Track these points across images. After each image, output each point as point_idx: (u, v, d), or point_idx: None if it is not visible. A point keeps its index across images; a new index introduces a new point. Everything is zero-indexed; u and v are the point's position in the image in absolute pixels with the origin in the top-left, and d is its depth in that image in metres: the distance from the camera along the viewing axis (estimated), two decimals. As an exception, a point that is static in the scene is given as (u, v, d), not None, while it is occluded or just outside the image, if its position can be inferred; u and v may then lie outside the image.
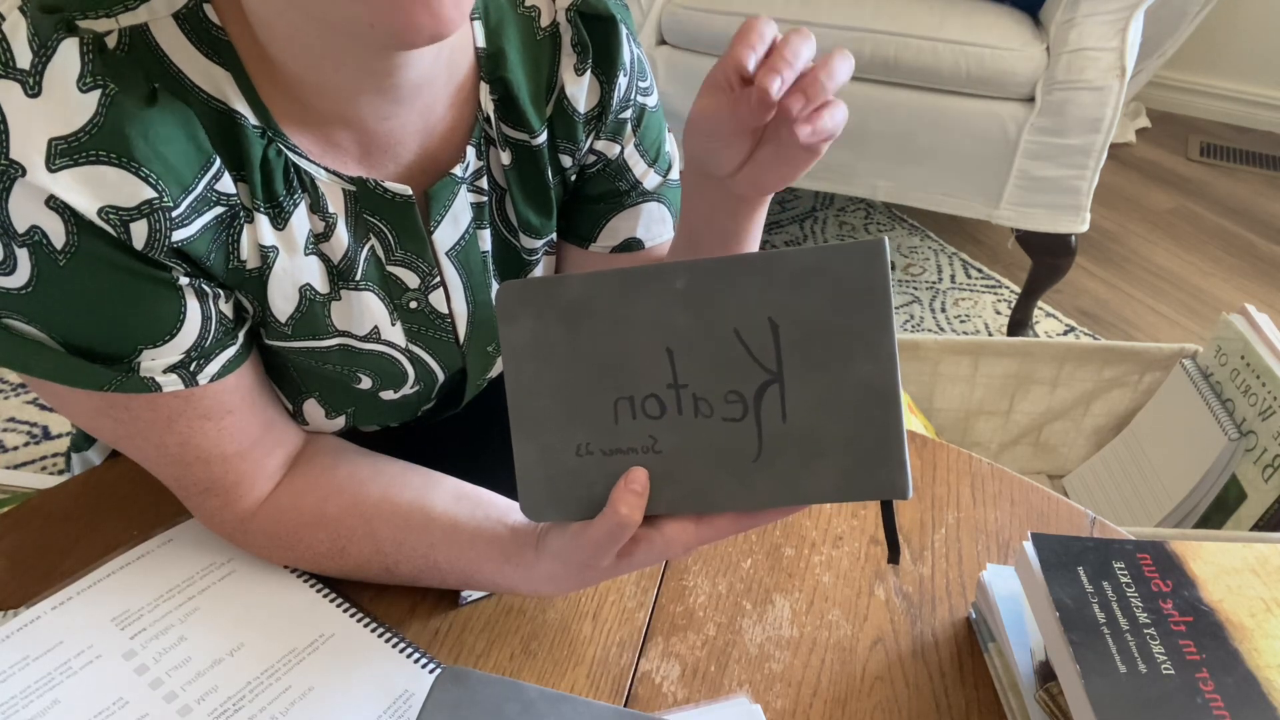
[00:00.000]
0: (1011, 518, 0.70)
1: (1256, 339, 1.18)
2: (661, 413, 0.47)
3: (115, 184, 0.45)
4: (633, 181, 0.66)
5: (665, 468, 0.47)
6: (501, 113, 0.58)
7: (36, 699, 0.53)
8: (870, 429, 0.45)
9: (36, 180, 0.43)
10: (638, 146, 0.65)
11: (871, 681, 0.59)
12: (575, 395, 0.47)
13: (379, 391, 0.63)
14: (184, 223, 0.48)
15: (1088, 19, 1.56)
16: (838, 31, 1.71)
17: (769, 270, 0.45)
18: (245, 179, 0.50)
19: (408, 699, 0.55)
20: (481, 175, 0.59)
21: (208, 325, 0.52)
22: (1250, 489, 1.14)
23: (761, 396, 0.45)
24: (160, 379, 0.51)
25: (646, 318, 0.46)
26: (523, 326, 0.47)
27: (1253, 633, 0.52)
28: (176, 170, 0.47)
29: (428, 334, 0.62)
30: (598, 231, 0.67)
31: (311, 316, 0.56)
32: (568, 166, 0.63)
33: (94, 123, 0.44)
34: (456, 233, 0.60)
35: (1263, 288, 2.17)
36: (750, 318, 0.45)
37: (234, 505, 0.58)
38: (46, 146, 0.43)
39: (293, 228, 0.53)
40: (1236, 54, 2.84)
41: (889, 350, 0.44)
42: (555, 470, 0.48)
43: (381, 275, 0.58)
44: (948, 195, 1.78)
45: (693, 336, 0.46)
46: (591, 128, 0.62)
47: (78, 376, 0.49)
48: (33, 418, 1.65)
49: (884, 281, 0.44)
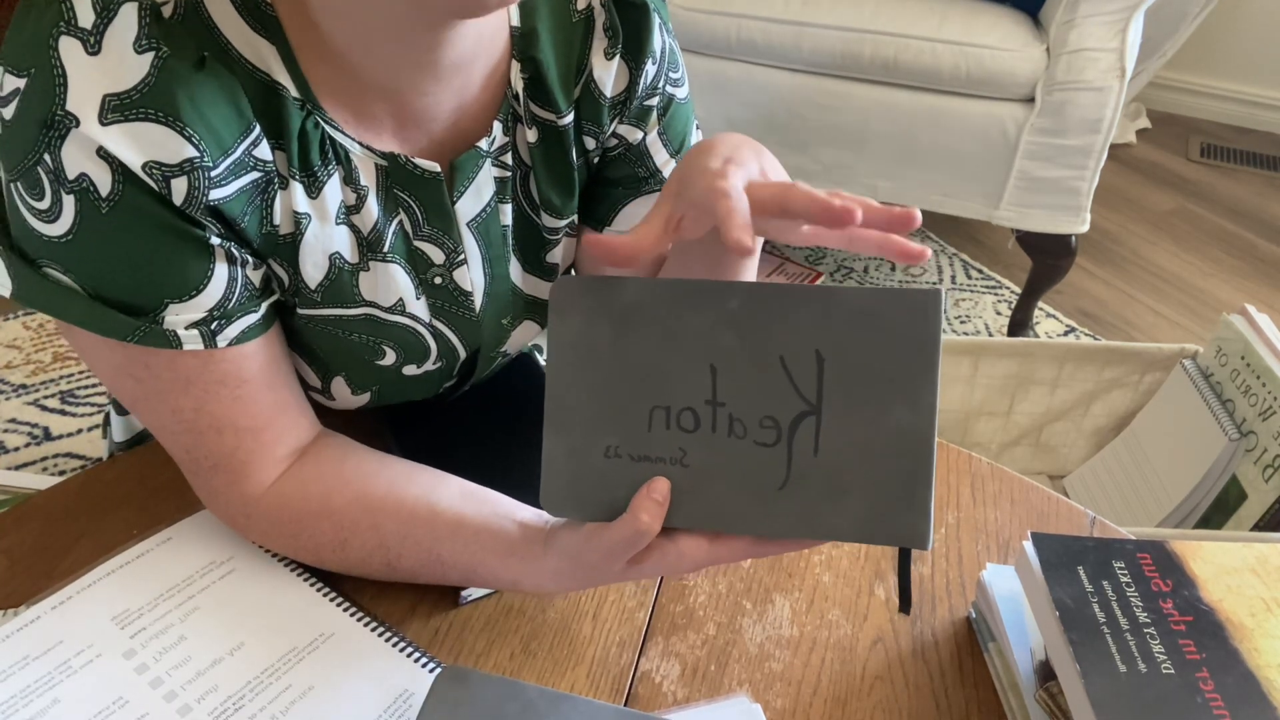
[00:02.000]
0: (1011, 518, 0.70)
1: (1257, 339, 1.18)
2: (695, 427, 0.47)
3: (160, 141, 0.47)
4: (652, 169, 0.66)
5: (690, 482, 0.47)
6: (530, 91, 0.60)
7: (36, 698, 0.53)
8: (899, 475, 0.45)
9: (89, 132, 0.46)
10: (661, 135, 0.66)
11: (871, 681, 0.59)
12: (613, 397, 0.48)
13: (402, 366, 0.65)
14: (222, 183, 0.50)
15: (1088, 20, 1.56)
16: (837, 32, 1.71)
17: (824, 304, 0.45)
18: (283, 148, 0.53)
19: (408, 699, 0.55)
20: (506, 151, 0.61)
21: (232, 287, 0.54)
22: (1250, 489, 1.14)
23: (797, 426, 0.45)
24: (182, 334, 0.53)
25: (695, 332, 0.46)
26: (572, 323, 0.48)
27: (1253, 632, 0.52)
28: (218, 133, 0.49)
29: (450, 310, 0.64)
30: (614, 215, 0.68)
31: (340, 285, 0.58)
32: (591, 149, 0.64)
33: (145, 83, 0.47)
34: (479, 205, 0.61)
35: (1263, 288, 2.17)
36: (797, 347, 0.45)
37: (241, 485, 0.59)
38: (101, 101, 0.46)
39: (325, 197, 0.55)
40: (1237, 55, 2.84)
41: (930, 401, 0.44)
42: (581, 468, 0.49)
43: (408, 249, 0.60)
44: (948, 196, 1.78)
45: (738, 357, 0.46)
46: (616, 112, 0.63)
47: (105, 324, 0.51)
48: (34, 419, 1.65)
49: (935, 332, 0.44)
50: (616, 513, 0.48)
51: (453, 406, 0.75)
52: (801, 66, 1.77)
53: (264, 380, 0.57)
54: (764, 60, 1.79)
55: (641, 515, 0.47)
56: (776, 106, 1.81)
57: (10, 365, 1.77)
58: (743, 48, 1.78)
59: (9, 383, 1.72)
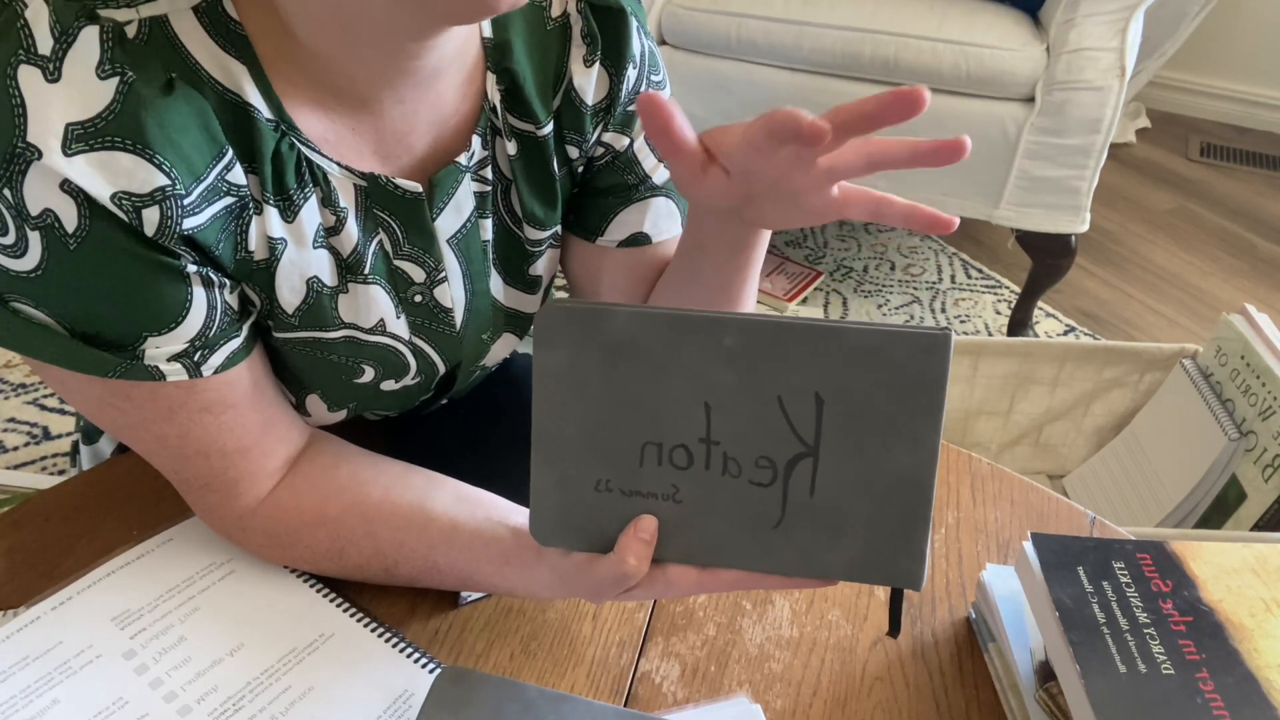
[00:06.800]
0: (1011, 518, 0.70)
1: (1256, 339, 1.18)
2: (689, 464, 0.46)
3: (129, 170, 0.46)
4: (641, 175, 0.66)
5: (683, 517, 0.47)
6: (508, 103, 0.59)
7: (36, 699, 0.53)
8: (895, 518, 0.44)
9: (52, 164, 0.44)
10: (648, 140, 0.65)
11: (871, 681, 0.59)
12: (603, 431, 0.46)
13: (380, 383, 0.64)
14: (195, 211, 0.48)
15: (1087, 19, 1.56)
16: (837, 32, 1.71)
17: (824, 343, 0.43)
18: (256, 171, 0.51)
19: (408, 699, 0.55)
20: (486, 165, 0.60)
21: (213, 315, 0.52)
22: (1250, 489, 1.14)
23: (793, 467, 0.45)
24: (164, 367, 0.51)
25: (689, 368, 0.45)
26: (559, 353, 0.46)
27: (1253, 633, 0.52)
28: (189, 159, 0.47)
29: (431, 327, 0.63)
30: (605, 225, 0.67)
31: (318, 309, 0.57)
32: (574, 158, 0.63)
33: (111, 109, 0.45)
34: (458, 221, 0.60)
35: (1263, 288, 2.17)
36: (796, 388, 0.44)
37: (233, 503, 0.58)
38: (64, 131, 0.44)
39: (302, 221, 0.53)
40: (1237, 54, 2.84)
41: (932, 445, 0.43)
42: (571, 500, 0.48)
43: (389, 269, 0.59)
44: (947, 195, 1.78)
45: (733, 396, 0.45)
46: (599, 119, 0.62)
47: (83, 362, 0.50)
48: (33, 418, 1.65)
49: (942, 375, 0.42)
50: (608, 544, 0.48)
51: (447, 408, 0.75)
52: (802, 66, 1.77)
53: (250, 403, 0.56)
54: (764, 60, 1.79)
55: (629, 558, 0.47)
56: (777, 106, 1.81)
57: (10, 364, 1.77)
58: (743, 47, 1.78)
59: (8, 382, 1.72)
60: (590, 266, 0.70)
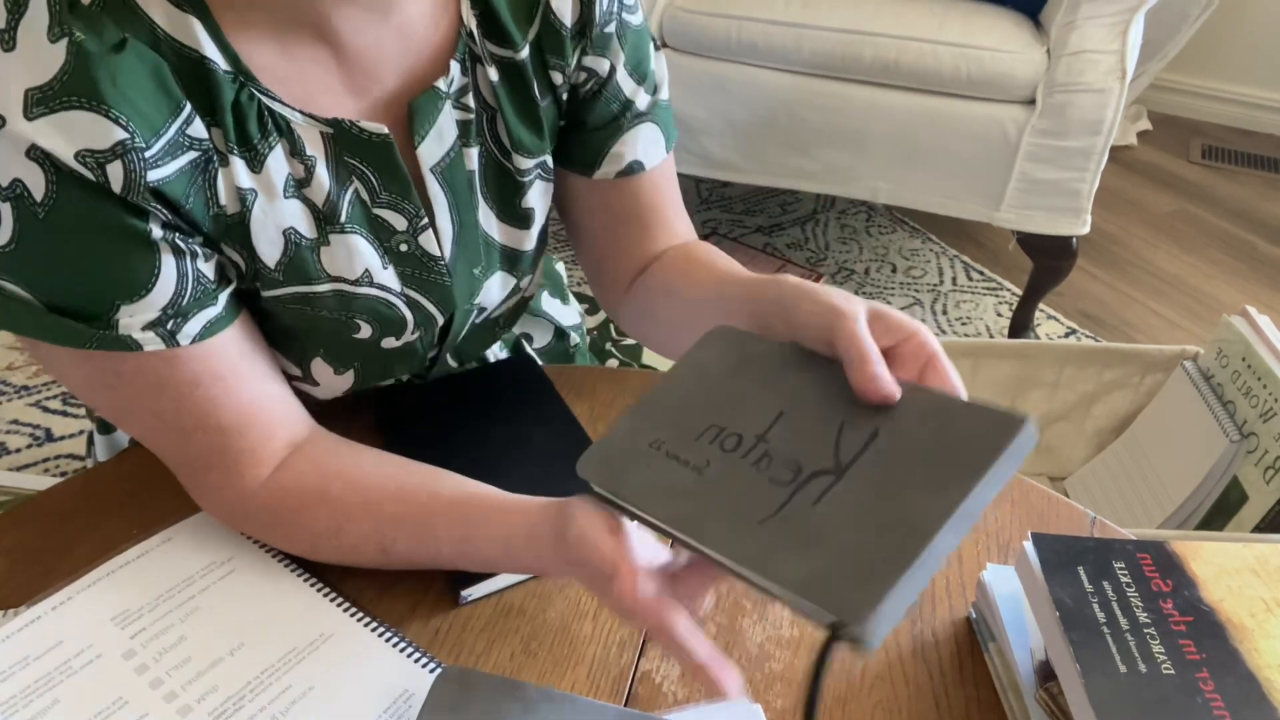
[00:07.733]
0: (1011, 518, 0.70)
1: (1258, 341, 1.18)
2: (734, 450, 0.48)
3: (88, 127, 0.47)
4: (624, 100, 0.67)
5: (694, 487, 0.48)
6: (484, 29, 0.60)
7: (36, 699, 0.53)
8: (875, 551, 0.41)
9: (17, 129, 0.46)
10: (625, 65, 0.66)
11: (871, 681, 0.59)
12: (692, 409, 0.51)
13: (380, 340, 0.64)
14: (158, 163, 0.49)
15: (1088, 21, 1.57)
16: (838, 34, 1.71)
17: (910, 394, 0.45)
18: (218, 123, 0.52)
19: (408, 699, 0.55)
20: (467, 92, 0.61)
21: (184, 283, 0.53)
22: (1252, 491, 1.14)
23: (813, 478, 0.45)
24: (139, 336, 0.52)
25: (788, 384, 0.49)
26: (709, 353, 0.53)
27: (1253, 633, 0.52)
28: (147, 115, 0.49)
29: (422, 276, 0.63)
30: (601, 158, 0.69)
31: (300, 261, 0.58)
32: (559, 84, 0.64)
33: (64, 70, 0.46)
34: (441, 149, 0.61)
35: (1264, 290, 2.17)
36: (861, 422, 0.46)
37: (236, 483, 0.59)
38: (23, 97, 0.46)
39: (269, 170, 0.55)
40: (1238, 57, 2.84)
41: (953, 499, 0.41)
42: (626, 445, 0.50)
43: (369, 218, 0.59)
44: (949, 198, 1.78)
45: (806, 412, 0.48)
46: (577, 42, 0.63)
47: (60, 334, 0.51)
48: (36, 420, 1.65)
49: (999, 448, 0.41)
50: (624, 492, 0.49)
51: (448, 406, 0.75)
52: (802, 68, 1.77)
53: (240, 375, 0.57)
54: (765, 62, 1.80)
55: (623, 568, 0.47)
56: (777, 108, 1.81)
57: (12, 367, 1.77)
58: (743, 49, 1.79)
59: (11, 384, 1.73)
60: (584, 203, 0.72)
